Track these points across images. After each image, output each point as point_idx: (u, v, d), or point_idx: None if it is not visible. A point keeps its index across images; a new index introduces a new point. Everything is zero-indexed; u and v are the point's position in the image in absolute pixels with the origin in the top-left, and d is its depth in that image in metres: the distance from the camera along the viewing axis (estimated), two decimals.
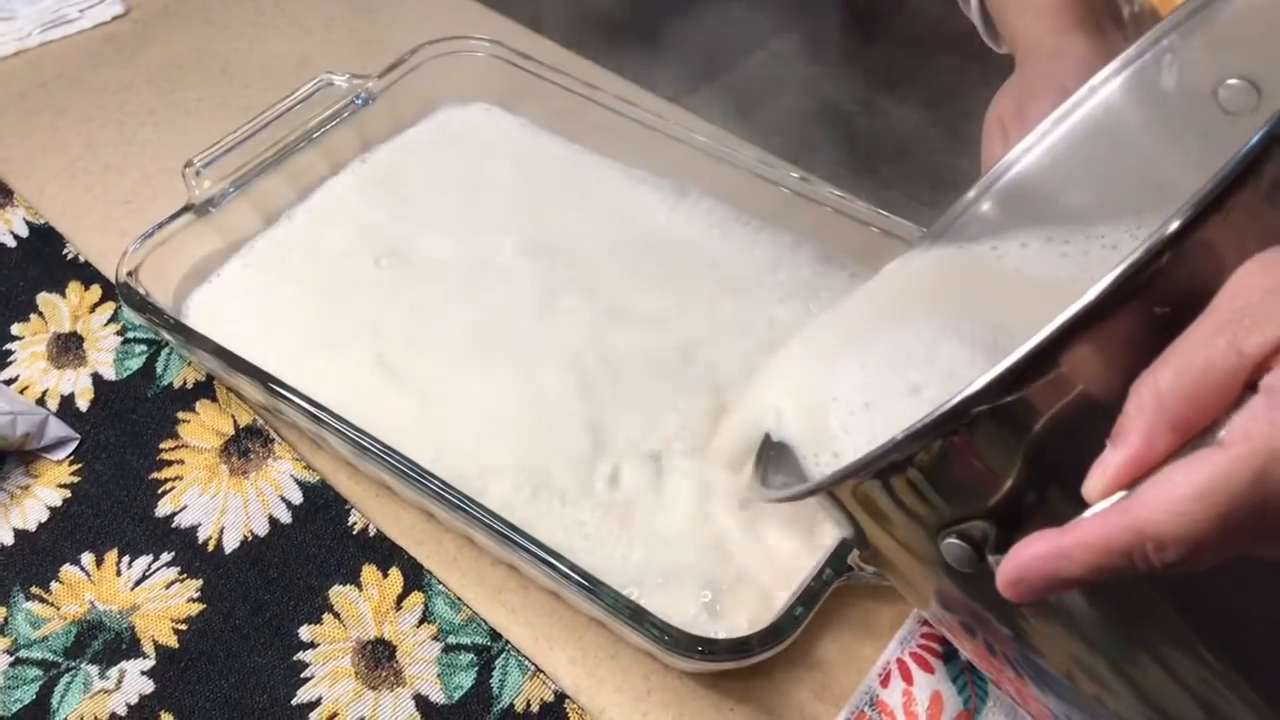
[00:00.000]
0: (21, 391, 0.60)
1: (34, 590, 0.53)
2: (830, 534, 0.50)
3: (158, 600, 0.52)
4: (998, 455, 0.32)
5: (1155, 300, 0.29)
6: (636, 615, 0.46)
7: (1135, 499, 0.28)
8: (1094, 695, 0.35)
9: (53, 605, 0.52)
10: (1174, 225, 0.28)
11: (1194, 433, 0.27)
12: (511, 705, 0.49)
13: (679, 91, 0.74)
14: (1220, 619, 0.32)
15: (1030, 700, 0.37)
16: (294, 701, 0.49)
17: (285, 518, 0.55)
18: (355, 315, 0.61)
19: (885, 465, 0.34)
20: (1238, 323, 0.27)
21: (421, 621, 0.51)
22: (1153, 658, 0.33)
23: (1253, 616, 0.32)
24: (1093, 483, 0.29)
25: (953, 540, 0.34)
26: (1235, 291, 0.27)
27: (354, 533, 0.54)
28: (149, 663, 0.50)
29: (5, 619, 0.52)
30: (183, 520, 0.55)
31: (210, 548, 0.54)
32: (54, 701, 0.49)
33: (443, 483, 0.50)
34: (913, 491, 0.35)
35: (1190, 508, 0.27)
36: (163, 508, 0.55)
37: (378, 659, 0.50)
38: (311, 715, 0.49)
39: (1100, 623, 0.34)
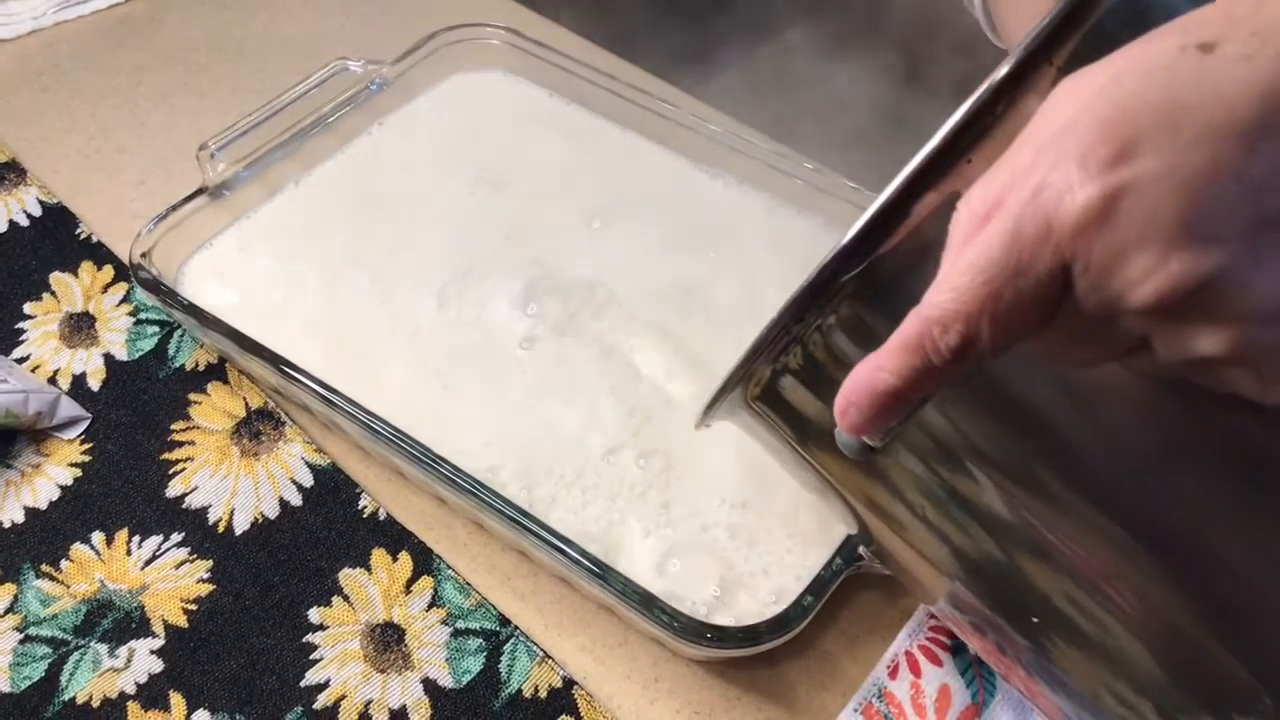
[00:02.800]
0: (33, 370, 0.60)
1: (44, 568, 0.53)
2: (840, 526, 0.50)
3: (168, 580, 0.52)
4: (870, 330, 0.33)
5: (999, 150, 0.29)
6: (646, 602, 0.46)
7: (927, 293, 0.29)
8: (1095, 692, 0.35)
9: (63, 584, 0.52)
10: (1003, 71, 0.29)
11: None
12: (520, 690, 0.49)
13: (695, 81, 0.74)
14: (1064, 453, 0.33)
15: (1040, 698, 0.37)
16: (302, 683, 0.49)
17: (296, 500, 0.55)
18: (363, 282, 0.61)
19: (769, 345, 0.36)
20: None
21: (431, 606, 0.51)
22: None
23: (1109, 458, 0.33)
24: None
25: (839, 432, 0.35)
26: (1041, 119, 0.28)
27: (364, 516, 0.54)
28: (158, 642, 0.50)
29: (15, 596, 0.52)
30: (193, 501, 0.55)
31: (221, 529, 0.54)
32: (63, 679, 0.49)
33: (453, 468, 0.50)
34: (803, 382, 0.37)
35: (959, 281, 0.28)
36: (173, 488, 0.55)
37: (386, 642, 0.50)
38: (320, 697, 0.49)
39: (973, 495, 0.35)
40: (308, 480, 0.56)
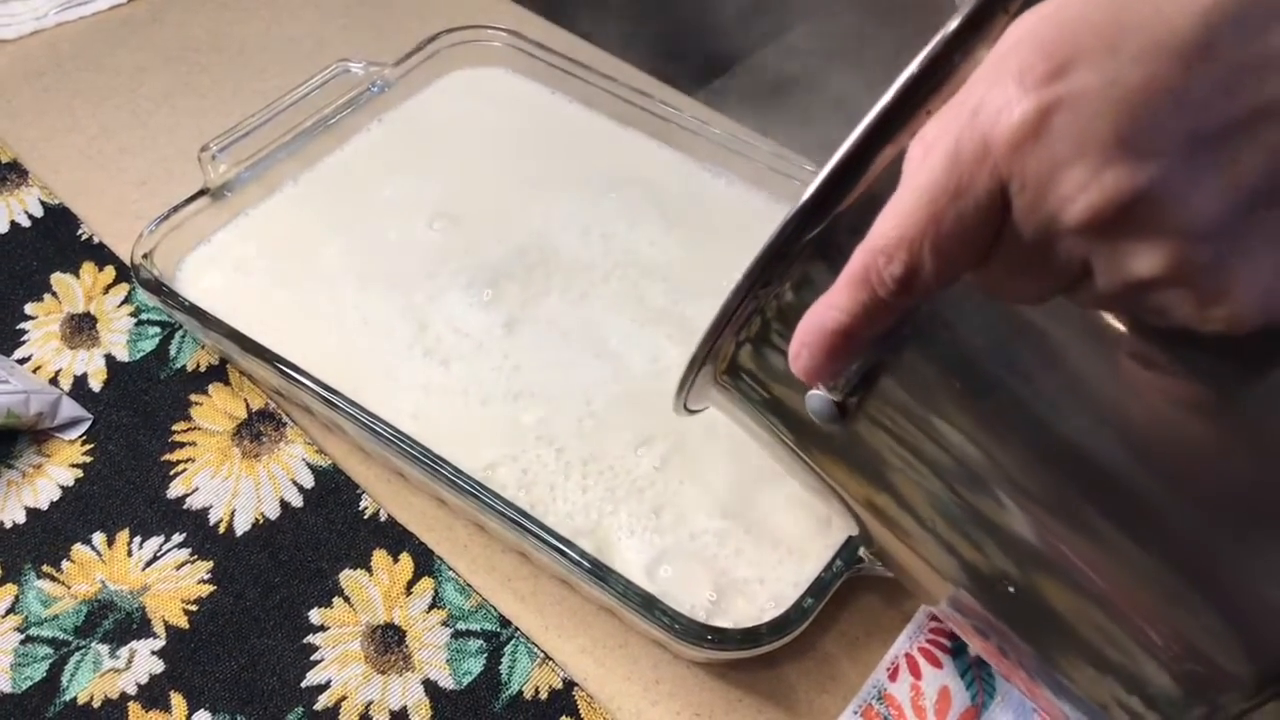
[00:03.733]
0: (35, 371, 0.60)
1: (45, 569, 0.53)
2: (840, 529, 0.50)
3: (168, 581, 0.52)
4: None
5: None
6: (647, 603, 0.47)
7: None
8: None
9: (64, 584, 0.52)
10: (957, 21, 0.29)
11: None
12: (520, 692, 0.49)
13: (696, 84, 0.74)
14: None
15: (1041, 699, 0.37)
16: (303, 684, 0.49)
17: (297, 501, 0.55)
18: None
19: (733, 316, 0.36)
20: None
21: (431, 607, 0.51)
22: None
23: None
24: None
25: (814, 394, 0.35)
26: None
27: (365, 517, 0.54)
28: (159, 643, 0.50)
29: (16, 597, 0.52)
30: (194, 502, 0.55)
31: (221, 530, 0.54)
32: (64, 680, 0.49)
33: (454, 469, 0.50)
34: (770, 353, 0.37)
35: (901, 208, 0.28)
36: (174, 489, 0.55)
37: (387, 643, 0.50)
38: (320, 698, 0.49)
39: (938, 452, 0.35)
40: (309, 481, 0.56)
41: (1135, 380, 0.32)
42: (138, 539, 0.54)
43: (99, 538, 0.54)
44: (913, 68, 0.30)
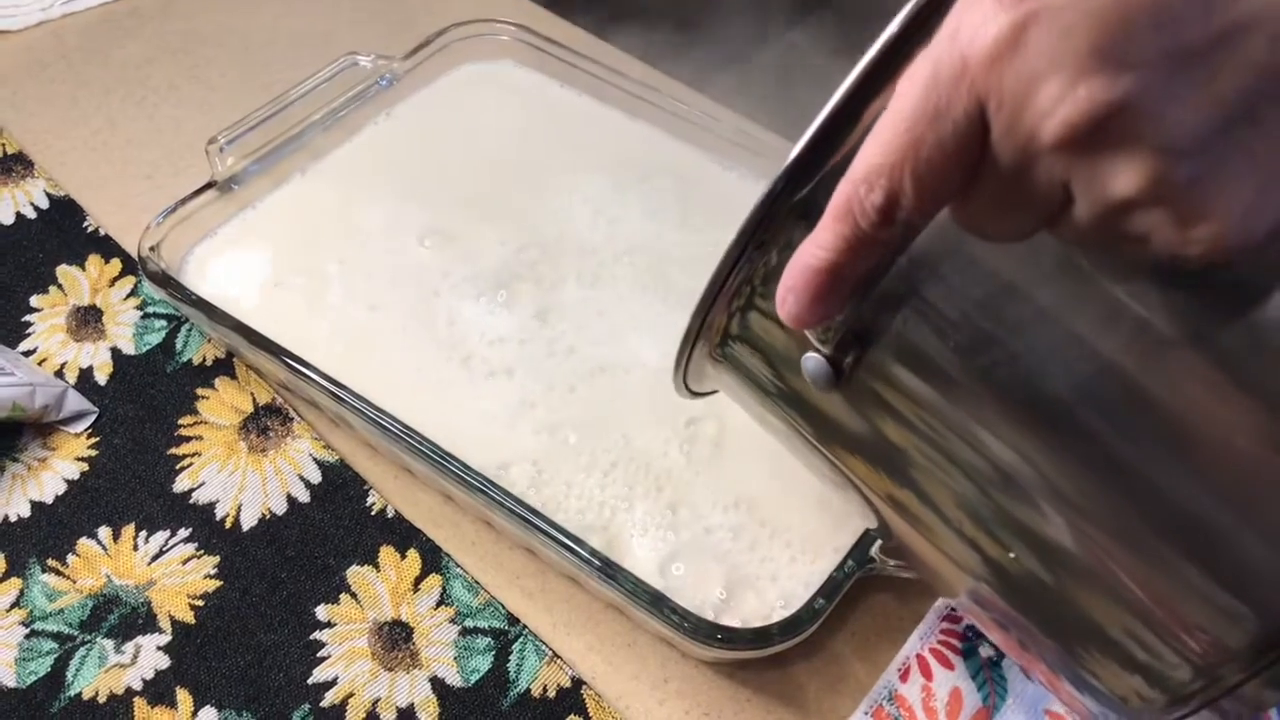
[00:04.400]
0: (40, 363, 0.60)
1: (50, 563, 0.52)
2: (852, 530, 0.50)
3: (174, 576, 0.52)
4: None
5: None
6: (656, 601, 0.46)
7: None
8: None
9: (69, 578, 0.52)
10: None
11: None
12: (528, 690, 0.49)
13: (705, 79, 0.74)
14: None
15: (1063, 691, 0.36)
16: (310, 680, 0.49)
17: (303, 497, 0.55)
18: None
19: (723, 286, 0.36)
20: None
21: (439, 604, 0.51)
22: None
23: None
24: None
25: (809, 355, 0.35)
26: None
27: (372, 513, 0.54)
28: (165, 638, 0.50)
29: (21, 591, 0.52)
30: (200, 497, 0.55)
31: (228, 525, 0.54)
32: (69, 675, 0.49)
33: (462, 464, 0.50)
34: (764, 323, 0.37)
35: (882, 135, 0.28)
36: (180, 483, 0.55)
37: (394, 640, 0.50)
38: (327, 695, 0.49)
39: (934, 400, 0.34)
40: (316, 477, 0.55)
41: (1126, 327, 0.31)
42: (143, 533, 0.53)
43: (104, 532, 0.54)
44: (895, 23, 0.30)
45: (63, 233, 0.66)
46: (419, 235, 0.63)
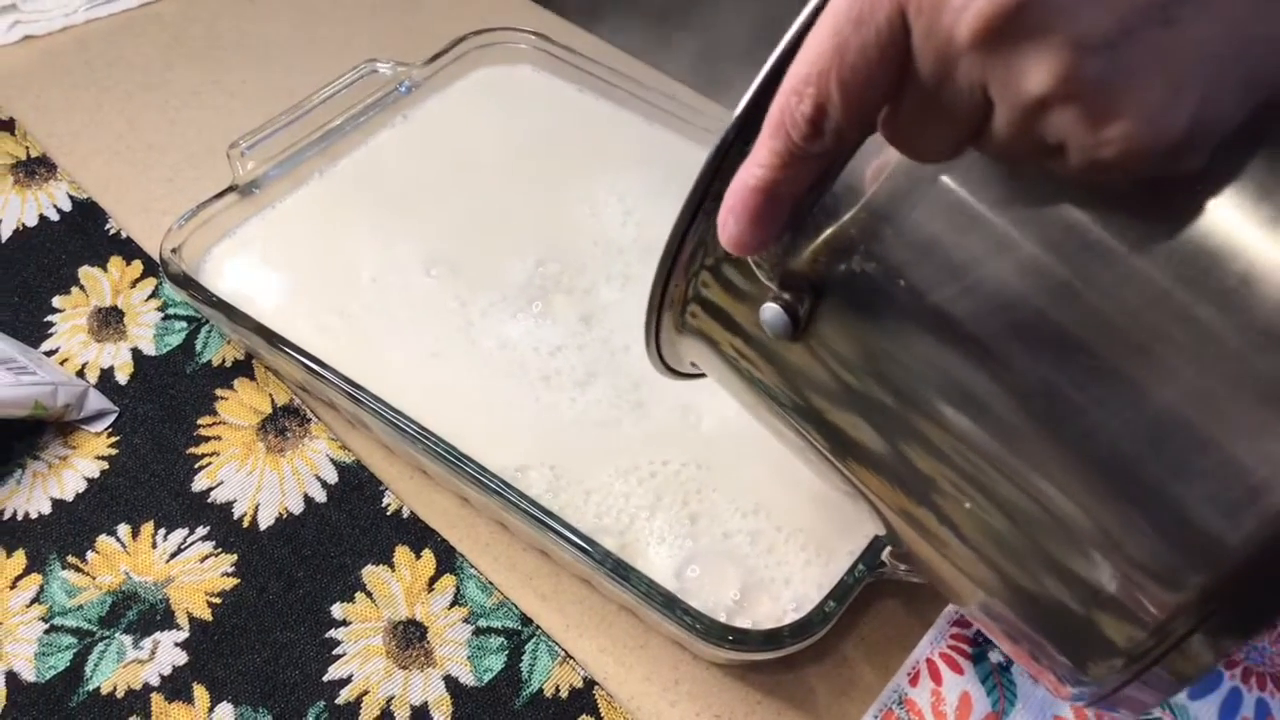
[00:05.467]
0: (62, 363, 0.61)
1: (70, 559, 0.53)
2: (865, 533, 0.50)
3: (192, 573, 0.53)
4: None
5: None
6: (669, 603, 0.47)
7: None
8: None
9: (88, 575, 0.53)
10: None
11: None
12: (541, 690, 0.49)
13: (723, 90, 0.74)
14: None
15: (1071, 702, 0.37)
16: (325, 678, 0.49)
17: (320, 497, 0.55)
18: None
19: (679, 251, 0.37)
20: None
21: (453, 604, 0.52)
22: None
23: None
24: None
25: (766, 305, 0.35)
26: None
27: (388, 514, 0.55)
28: (183, 635, 0.51)
29: (41, 587, 0.52)
30: (219, 496, 0.55)
31: (245, 524, 0.54)
32: (88, 670, 0.50)
33: (478, 466, 0.50)
34: (724, 287, 0.38)
35: (811, 45, 0.29)
36: (199, 483, 0.56)
37: (409, 639, 0.51)
38: (342, 692, 0.49)
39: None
40: (332, 477, 0.56)
41: (1067, 252, 0.31)
42: (162, 531, 0.54)
43: (124, 529, 0.54)
44: None
45: (85, 235, 0.67)
46: (429, 260, 0.63)
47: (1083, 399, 0.31)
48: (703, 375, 0.46)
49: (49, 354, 0.61)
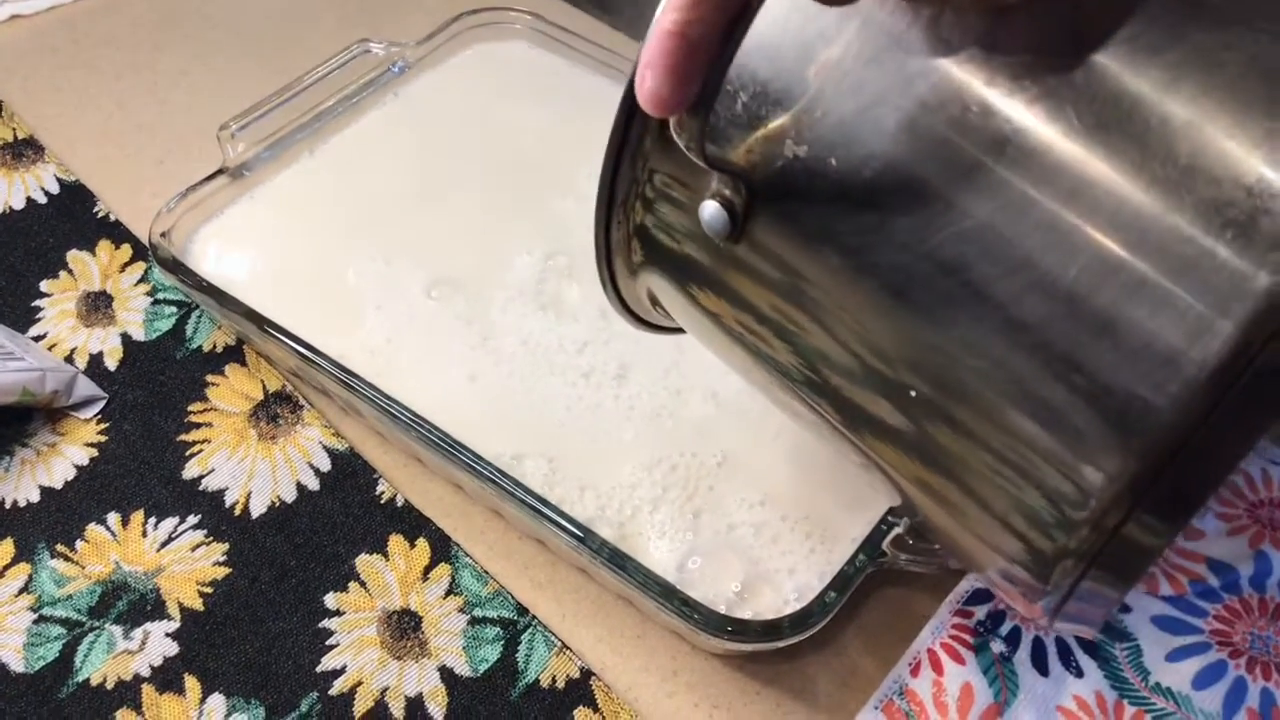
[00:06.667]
0: (50, 349, 0.60)
1: (59, 548, 0.52)
2: (867, 520, 0.50)
3: (183, 563, 0.52)
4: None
5: None
6: (667, 593, 0.46)
7: None
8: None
9: (78, 564, 0.52)
10: None
11: None
12: (537, 680, 0.49)
13: None
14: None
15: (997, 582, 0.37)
16: (318, 669, 0.49)
17: (313, 485, 0.55)
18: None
19: (613, 186, 0.38)
20: None
21: (448, 593, 0.51)
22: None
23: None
24: None
25: (704, 203, 0.36)
26: None
27: (382, 502, 0.54)
28: (173, 625, 0.50)
29: (30, 576, 0.51)
30: (210, 483, 0.54)
31: (237, 512, 0.53)
32: (77, 660, 0.49)
33: (473, 454, 0.50)
34: (665, 218, 0.38)
35: None
36: (190, 470, 0.55)
37: (403, 629, 0.50)
38: (336, 683, 0.48)
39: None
40: (325, 465, 0.55)
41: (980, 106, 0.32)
42: (152, 519, 0.53)
43: (114, 518, 0.53)
44: None
45: (73, 218, 0.66)
46: (430, 284, 0.62)
47: (1002, 262, 0.31)
48: (679, 330, 0.46)
49: (37, 339, 0.60)
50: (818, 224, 0.34)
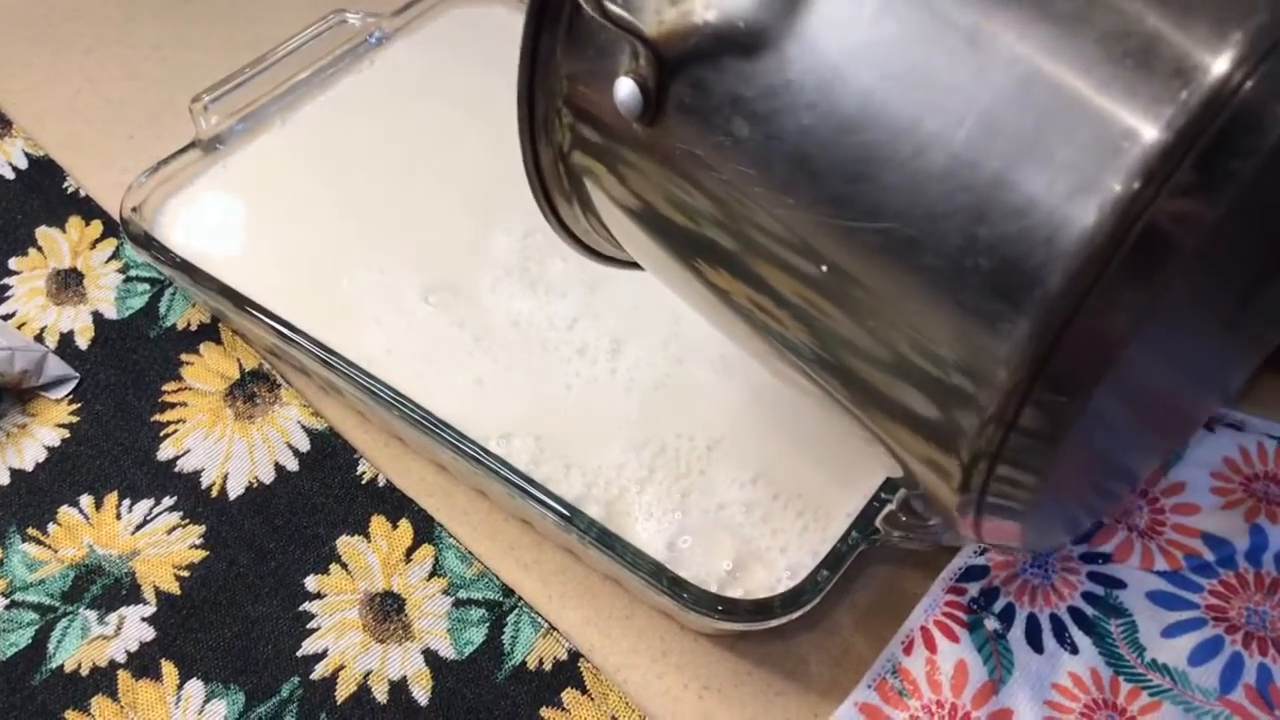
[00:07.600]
0: (19, 327, 0.58)
1: (30, 532, 0.51)
2: (862, 494, 0.49)
3: (159, 546, 0.51)
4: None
5: None
6: (656, 572, 0.45)
7: None
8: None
9: (50, 548, 0.51)
10: None
11: None
12: (524, 662, 0.48)
13: None
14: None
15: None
16: (299, 653, 0.48)
17: (292, 465, 0.53)
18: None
19: (532, 115, 0.39)
20: None
21: (431, 575, 0.50)
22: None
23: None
24: None
25: (620, 82, 0.35)
26: None
27: (363, 482, 0.53)
28: (149, 609, 0.49)
29: (1, 561, 0.50)
30: (185, 464, 0.53)
31: (214, 493, 0.52)
32: (51, 646, 0.48)
33: (456, 433, 0.49)
34: (571, 110, 0.38)
35: None
36: (165, 451, 0.54)
37: (386, 612, 0.49)
38: (317, 667, 0.47)
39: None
40: (304, 445, 0.54)
41: None
42: (126, 502, 0.52)
43: (86, 500, 0.52)
44: None
45: (42, 194, 0.64)
46: (419, 291, 0.58)
47: (898, 119, 0.30)
48: (634, 265, 0.45)
49: (5, 318, 0.59)
50: (726, 92, 0.34)
